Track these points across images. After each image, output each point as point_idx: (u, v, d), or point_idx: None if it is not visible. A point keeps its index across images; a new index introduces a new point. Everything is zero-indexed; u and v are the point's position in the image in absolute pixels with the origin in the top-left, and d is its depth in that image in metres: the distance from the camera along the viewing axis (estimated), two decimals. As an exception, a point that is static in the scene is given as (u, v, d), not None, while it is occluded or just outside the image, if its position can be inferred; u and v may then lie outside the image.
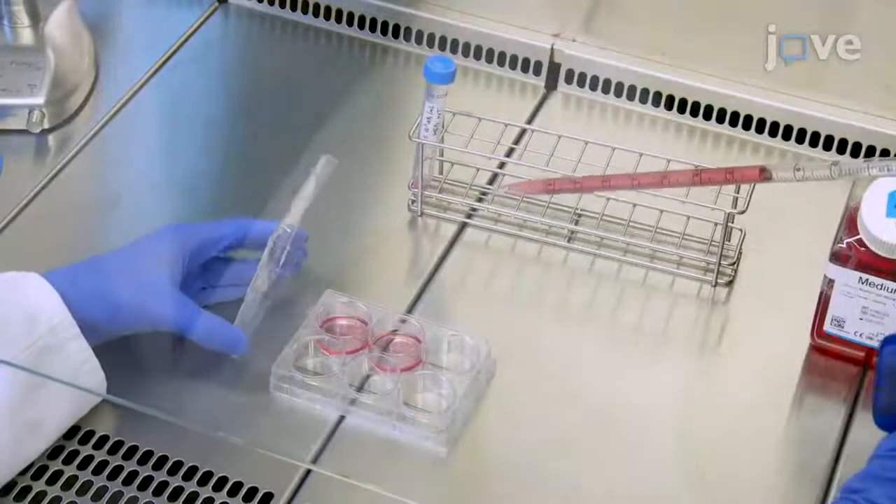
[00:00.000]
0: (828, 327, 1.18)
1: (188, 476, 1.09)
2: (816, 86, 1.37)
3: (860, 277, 1.14)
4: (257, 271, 1.16)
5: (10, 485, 1.08)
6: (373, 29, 1.50)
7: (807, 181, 1.03)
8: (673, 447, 1.14)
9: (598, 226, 1.30)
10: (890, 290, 1.13)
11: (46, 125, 1.37)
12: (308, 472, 1.10)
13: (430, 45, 1.48)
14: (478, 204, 1.32)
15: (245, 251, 1.20)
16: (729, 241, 1.26)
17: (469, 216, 1.32)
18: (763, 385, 1.18)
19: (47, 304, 1.08)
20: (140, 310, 1.12)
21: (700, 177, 1.07)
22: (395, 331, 1.19)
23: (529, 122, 1.41)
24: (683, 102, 1.41)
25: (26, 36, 1.41)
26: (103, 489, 1.08)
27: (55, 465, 1.09)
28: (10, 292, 1.09)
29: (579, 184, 1.07)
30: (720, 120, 1.41)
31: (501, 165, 1.34)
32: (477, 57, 1.47)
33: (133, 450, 1.10)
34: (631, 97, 1.43)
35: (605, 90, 1.43)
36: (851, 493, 0.96)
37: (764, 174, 1.05)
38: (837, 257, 1.14)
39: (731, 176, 1.07)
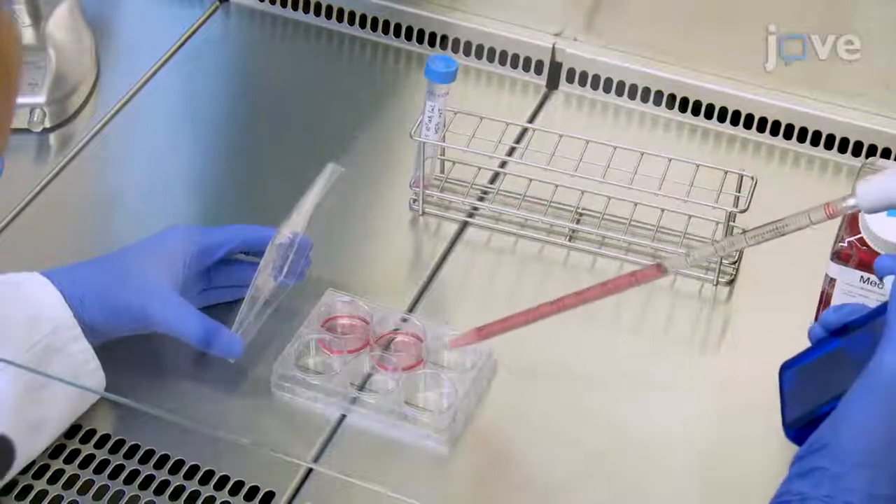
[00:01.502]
0: (829, 326, 1.18)
1: (189, 475, 1.09)
2: (816, 85, 1.37)
3: (861, 276, 1.14)
4: (255, 276, 1.15)
5: (12, 483, 1.07)
6: (374, 28, 1.50)
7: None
8: (674, 446, 1.13)
9: (600, 225, 1.30)
10: (891, 288, 1.13)
11: (47, 124, 1.37)
12: (309, 471, 1.10)
13: (432, 43, 1.48)
14: (479, 203, 1.32)
15: (248, 256, 1.20)
16: (730, 240, 1.26)
17: (470, 215, 1.32)
18: (764, 383, 1.18)
19: (50, 304, 1.08)
20: (138, 312, 1.11)
21: (608, 286, 1.11)
22: (397, 330, 1.19)
23: (531, 121, 1.41)
24: (684, 101, 1.41)
25: (27, 35, 1.41)
26: (104, 488, 1.08)
27: (56, 464, 1.09)
28: (13, 293, 1.09)
29: (506, 323, 1.12)
30: (721, 119, 1.41)
31: (503, 164, 1.34)
32: (478, 56, 1.47)
33: (134, 449, 1.10)
34: (632, 96, 1.43)
35: (607, 89, 1.43)
36: (779, 497, 0.96)
37: (660, 269, 1.09)
38: (839, 256, 1.14)
39: (634, 278, 1.10)
